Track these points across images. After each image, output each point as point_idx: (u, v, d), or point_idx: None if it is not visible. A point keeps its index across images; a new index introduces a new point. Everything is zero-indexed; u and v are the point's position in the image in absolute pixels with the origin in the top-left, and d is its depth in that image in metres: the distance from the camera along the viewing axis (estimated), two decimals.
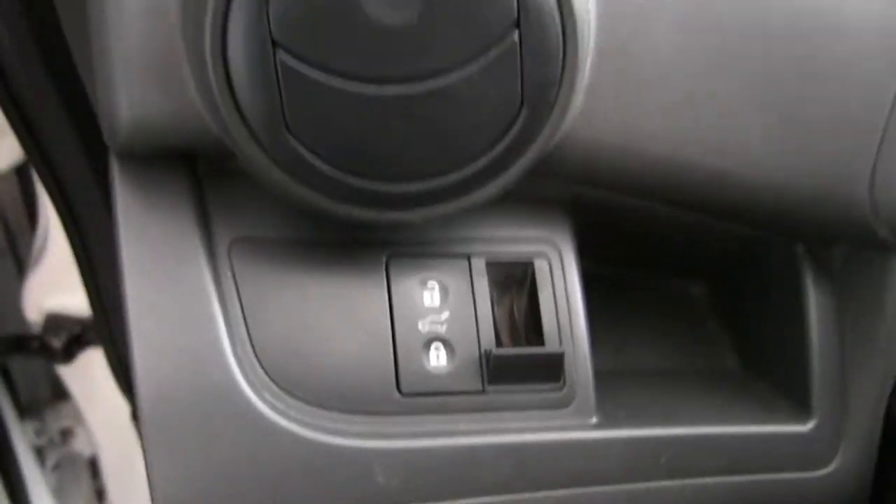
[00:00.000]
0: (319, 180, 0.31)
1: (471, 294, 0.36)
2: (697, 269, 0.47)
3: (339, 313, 0.35)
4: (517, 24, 0.29)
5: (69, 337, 0.81)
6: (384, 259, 0.36)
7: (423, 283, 0.36)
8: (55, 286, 0.81)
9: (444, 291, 0.36)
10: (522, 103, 0.30)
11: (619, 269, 0.46)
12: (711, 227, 0.40)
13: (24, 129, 0.45)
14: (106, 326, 0.62)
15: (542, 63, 0.30)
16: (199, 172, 0.34)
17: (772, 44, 0.34)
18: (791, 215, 0.38)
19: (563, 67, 0.30)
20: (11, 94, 0.44)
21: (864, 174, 0.36)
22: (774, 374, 0.43)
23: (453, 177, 0.31)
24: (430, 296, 0.36)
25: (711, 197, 0.37)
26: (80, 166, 0.48)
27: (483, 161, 0.31)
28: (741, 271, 0.45)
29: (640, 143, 0.34)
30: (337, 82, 0.28)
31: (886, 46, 0.35)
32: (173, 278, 0.33)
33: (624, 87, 0.33)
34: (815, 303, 0.41)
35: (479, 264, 0.37)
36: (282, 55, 0.28)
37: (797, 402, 0.41)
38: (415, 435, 0.35)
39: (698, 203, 0.38)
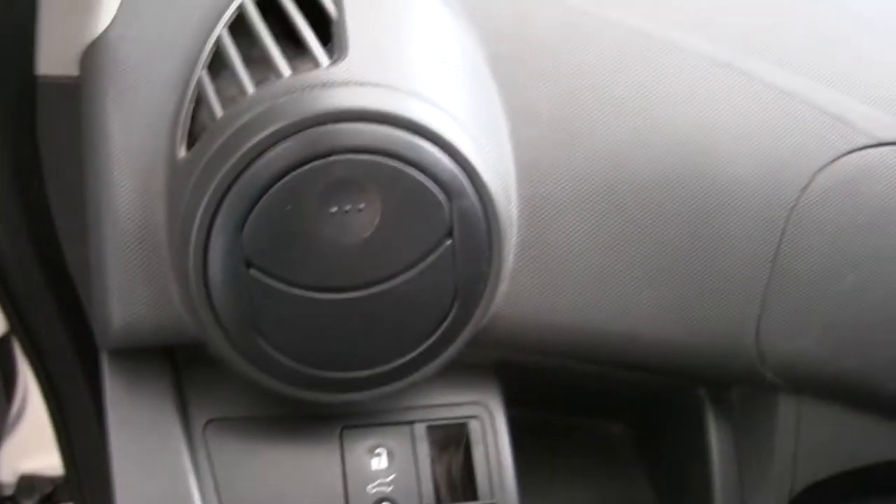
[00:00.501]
0: (284, 372, 0.36)
1: (413, 457, 0.41)
2: (615, 411, 0.53)
3: (300, 482, 0.40)
4: (450, 233, 0.35)
5: (41, 497, 0.83)
6: (339, 431, 0.41)
7: (372, 451, 0.41)
8: (31, 449, 0.82)
9: (391, 456, 0.41)
10: (456, 297, 0.36)
11: (546, 414, 0.52)
12: (624, 377, 0.46)
13: (14, 315, 0.49)
14: (79, 490, 0.65)
15: (472, 263, 0.35)
16: (177, 361, 0.39)
17: (666, 220, 0.40)
18: (690, 365, 0.44)
19: (490, 264, 0.36)
20: (8, 291, 0.48)
21: (751, 328, 0.42)
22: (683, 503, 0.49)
23: (398, 362, 0.37)
24: (378, 461, 0.41)
25: (620, 354, 0.43)
26: (63, 346, 0.52)
27: (423, 347, 0.36)
28: (654, 412, 0.51)
29: (556, 316, 0.40)
30: (300, 293, 0.34)
31: (763, 216, 0.41)
32: (155, 458, 0.38)
33: (541, 270, 0.39)
34: (716, 439, 0.47)
35: (420, 430, 0.42)
36: (254, 273, 0.33)
37: None
38: None
39: (609, 360, 0.44)
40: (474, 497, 0.41)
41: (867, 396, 0.44)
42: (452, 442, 0.43)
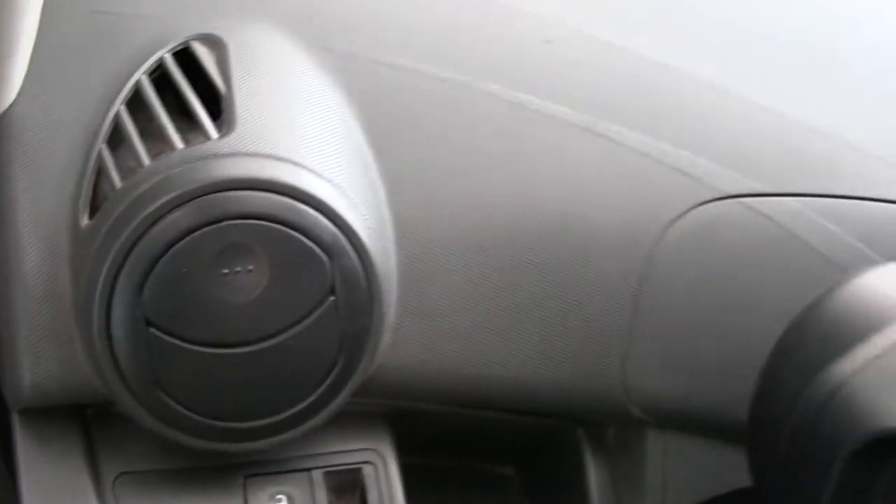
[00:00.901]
0: (186, 424, 0.38)
1: (312, 502, 0.44)
2: (505, 455, 0.56)
3: None
4: (333, 291, 0.38)
5: None
6: (242, 480, 0.44)
7: (273, 497, 0.44)
8: None
9: (291, 502, 0.44)
10: (341, 349, 0.39)
11: (439, 460, 0.55)
12: (510, 421, 0.50)
13: None
14: None
15: (355, 318, 0.39)
16: (87, 417, 0.41)
17: (534, 272, 0.44)
18: (565, 406, 0.48)
19: (371, 318, 0.39)
20: None
21: (616, 368, 0.46)
22: None
23: (291, 412, 0.39)
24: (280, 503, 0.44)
25: (500, 398, 0.46)
26: None
27: (313, 397, 0.39)
28: (539, 454, 0.55)
29: (438, 364, 0.44)
30: (197, 349, 0.37)
31: (622, 266, 0.45)
32: None
33: (421, 323, 0.43)
34: (594, 475, 0.51)
35: (317, 476, 0.45)
36: (153, 331, 0.36)
37: None
38: None
39: (491, 404, 0.47)
40: None
41: (726, 428, 0.48)
42: (348, 487, 0.45)
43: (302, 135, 0.39)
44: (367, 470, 0.45)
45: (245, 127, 0.38)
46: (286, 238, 0.36)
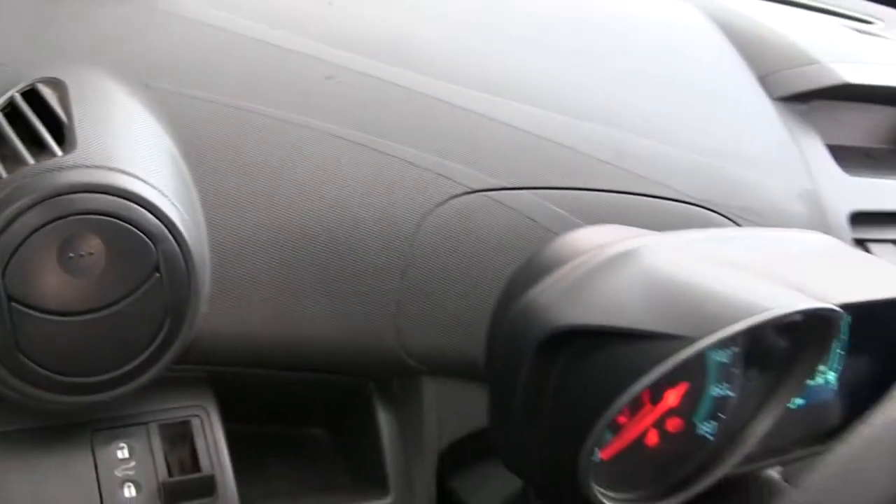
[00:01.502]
0: (42, 381, 0.47)
1: (149, 448, 0.54)
2: (315, 416, 0.67)
3: (61, 475, 0.52)
4: (157, 269, 0.49)
5: None
6: (89, 434, 0.53)
7: (118, 446, 0.54)
8: None
9: (132, 449, 0.54)
10: (166, 315, 0.49)
11: (259, 426, 0.66)
12: (314, 380, 0.61)
13: None
14: None
15: (176, 291, 0.48)
16: None
17: (319, 253, 0.55)
18: (355, 362, 0.59)
19: (190, 291, 0.50)
20: None
21: (391, 328, 0.58)
22: (370, 476, 0.64)
23: (128, 367, 0.49)
24: (122, 453, 0.53)
25: (301, 358, 0.57)
26: None
27: (145, 354, 0.49)
28: (343, 411, 0.66)
29: (246, 329, 0.54)
30: (50, 318, 0.46)
31: (389, 247, 0.56)
32: None
33: (231, 296, 0.53)
34: (384, 422, 0.62)
35: (153, 428, 0.55)
36: (15, 305, 0.46)
37: (382, 487, 0.62)
38: None
39: (294, 364, 0.58)
40: (197, 471, 0.55)
41: (480, 373, 0.61)
42: (179, 438, 0.56)
43: (130, 152, 0.49)
44: (195, 422, 0.56)
45: (84, 146, 0.48)
46: (119, 229, 0.46)
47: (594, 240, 0.50)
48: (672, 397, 0.49)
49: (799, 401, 0.55)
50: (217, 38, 0.59)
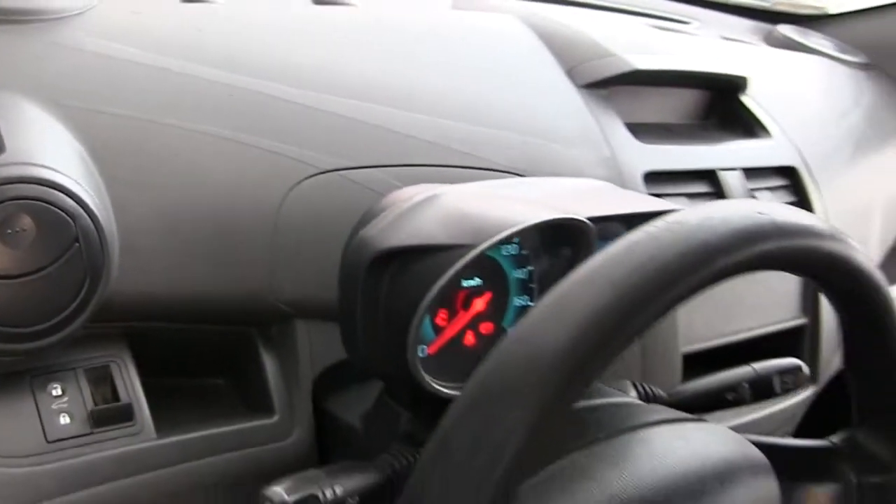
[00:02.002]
0: None
1: (79, 388, 0.68)
2: (215, 365, 0.80)
3: (9, 413, 0.65)
4: (77, 240, 0.62)
5: None
6: (28, 379, 0.66)
7: (52, 387, 0.67)
8: None
9: (65, 389, 0.67)
10: (85, 277, 0.61)
11: (169, 379, 0.79)
12: (208, 331, 0.74)
13: None
14: None
15: (92, 257, 0.61)
16: None
17: (212, 223, 0.68)
18: (239, 314, 0.73)
19: (104, 257, 0.63)
20: None
21: (268, 281, 0.71)
22: (259, 403, 0.78)
23: (56, 319, 0.60)
24: (56, 391, 0.66)
25: (195, 311, 0.70)
26: None
27: (70, 310, 0.60)
28: (237, 359, 0.80)
29: (151, 287, 0.67)
30: None
31: (260, 216, 0.70)
32: None
33: (135, 262, 0.65)
34: (266, 357, 0.74)
35: (80, 372, 0.68)
36: None
37: (268, 410, 0.76)
38: None
39: (190, 317, 0.71)
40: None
41: None
42: (102, 380, 0.69)
43: (49, 153, 0.61)
44: (114, 366, 0.69)
45: (12, 149, 0.60)
46: (45, 210, 0.58)
47: (411, 192, 0.66)
48: (479, 304, 0.65)
49: None
50: (112, 64, 0.72)
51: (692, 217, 0.49)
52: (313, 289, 0.73)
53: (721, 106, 1.14)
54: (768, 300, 1.04)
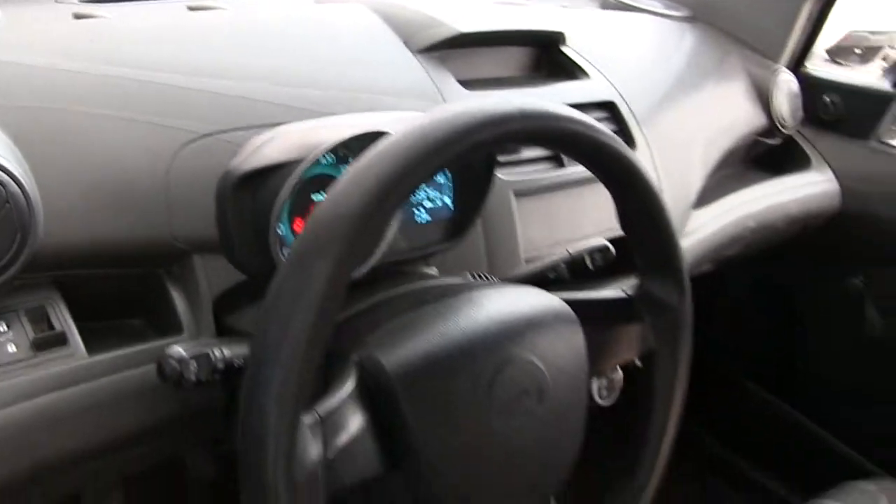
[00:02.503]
0: None
1: (21, 324, 0.84)
2: (137, 307, 0.97)
3: None
4: (8, 202, 0.79)
5: None
6: None
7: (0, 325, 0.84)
8: None
9: (9, 325, 0.78)
10: (17, 231, 0.77)
11: (100, 322, 0.90)
12: (124, 275, 0.91)
13: None
14: None
15: (22, 215, 0.77)
16: None
17: (113, 181, 0.90)
18: (145, 256, 0.89)
19: (32, 215, 0.80)
20: None
21: (166, 228, 0.86)
22: (170, 325, 0.96)
23: None
24: (2, 328, 0.79)
25: (105, 256, 0.87)
26: None
27: (5, 260, 0.71)
28: (152, 299, 0.97)
29: (69, 238, 0.83)
30: None
31: (153, 172, 0.88)
32: None
33: (59, 213, 0.84)
34: (173, 289, 0.90)
35: (21, 313, 0.82)
36: None
37: (178, 330, 0.94)
38: None
39: (101, 263, 0.89)
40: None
41: None
42: (39, 318, 0.83)
43: None
44: (48, 305, 0.86)
45: None
46: None
47: (264, 136, 0.86)
48: None
49: (426, 217, 0.92)
50: (24, 69, 0.87)
51: (459, 107, 0.69)
52: (203, 228, 0.87)
53: (546, 59, 1.35)
54: (606, 212, 1.25)
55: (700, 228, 1.49)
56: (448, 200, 0.98)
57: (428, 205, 0.96)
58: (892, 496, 1.34)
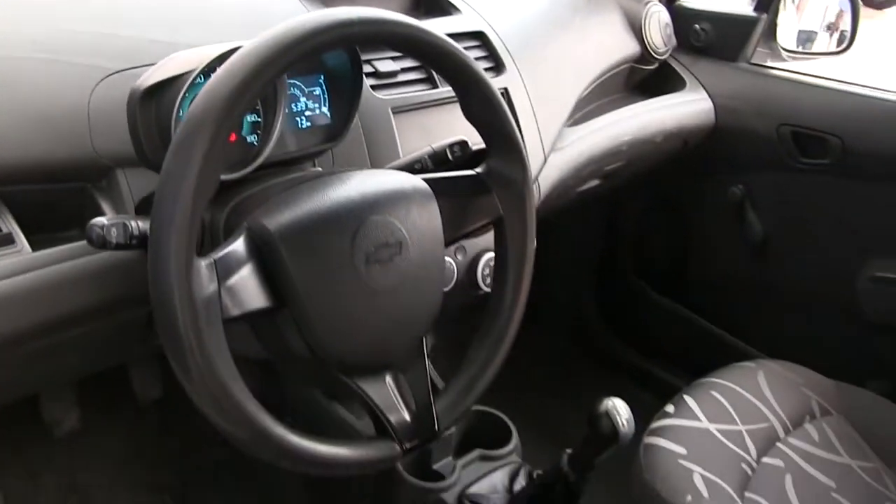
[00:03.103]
0: None
1: None
2: (70, 222, 1.12)
3: None
4: None
5: None
6: None
7: None
8: None
9: None
10: None
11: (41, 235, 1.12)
12: (58, 191, 1.10)
13: None
14: None
15: None
16: None
17: (41, 112, 1.09)
18: (77, 170, 1.07)
19: None
20: None
21: (89, 145, 1.01)
22: None
23: None
24: None
25: (41, 173, 1.09)
26: None
27: None
28: (83, 212, 1.17)
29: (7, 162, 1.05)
30: None
31: (78, 99, 1.11)
32: None
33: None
34: (100, 198, 1.11)
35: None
36: None
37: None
38: None
39: (41, 179, 1.09)
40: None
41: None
42: None
43: None
44: None
45: None
46: None
47: (161, 61, 1.05)
48: None
49: (308, 123, 1.12)
50: None
51: (311, 14, 0.89)
52: (121, 144, 1.01)
53: (424, 4, 1.55)
54: None
55: (574, 143, 1.69)
56: (325, 110, 1.18)
57: (308, 113, 1.16)
58: (769, 371, 1.57)
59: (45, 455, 1.84)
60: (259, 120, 1.08)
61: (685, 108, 1.97)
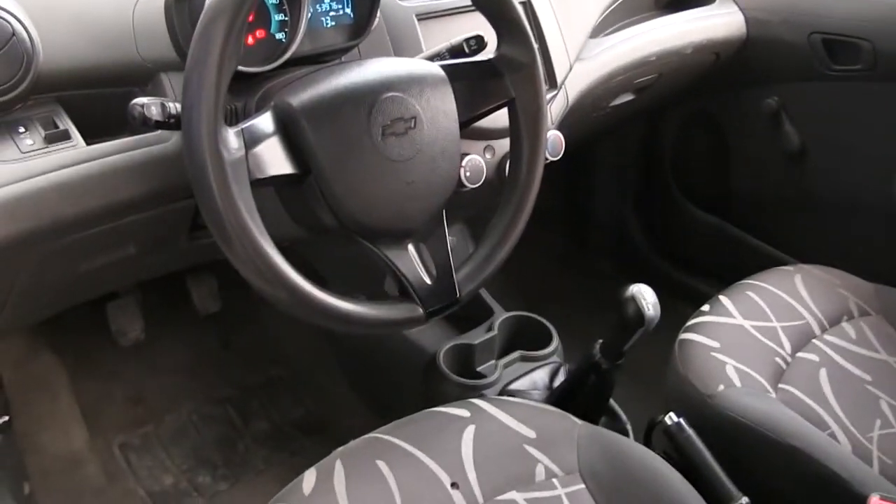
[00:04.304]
0: None
1: (36, 128, 1.08)
2: (115, 128, 1.28)
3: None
4: (13, 34, 1.09)
5: None
6: (4, 127, 1.13)
7: (20, 129, 1.05)
8: None
9: (27, 128, 1.03)
10: (24, 56, 1.07)
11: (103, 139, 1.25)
12: (109, 96, 1.22)
13: None
14: None
15: (24, 45, 1.01)
16: None
17: (89, 27, 1.20)
18: (125, 75, 1.19)
19: (32, 44, 1.06)
20: None
21: (135, 52, 1.13)
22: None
23: (11, 82, 1.08)
24: (22, 130, 1.08)
25: (95, 80, 1.18)
26: None
27: (19, 74, 1.06)
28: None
29: (62, 66, 1.16)
30: None
31: None
32: None
33: (50, 51, 1.16)
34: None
35: (35, 120, 1.06)
36: None
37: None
38: None
39: (95, 84, 1.20)
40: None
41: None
42: (48, 123, 1.16)
43: None
44: (55, 116, 1.15)
45: None
46: None
47: None
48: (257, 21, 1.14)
49: (332, 23, 1.20)
50: None
51: None
52: (164, 50, 1.11)
53: None
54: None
55: (600, 53, 1.76)
56: (349, 10, 1.27)
57: (332, 14, 1.25)
58: (807, 274, 1.62)
59: (112, 365, 1.99)
60: (286, 18, 1.18)
61: (715, 20, 2.00)
